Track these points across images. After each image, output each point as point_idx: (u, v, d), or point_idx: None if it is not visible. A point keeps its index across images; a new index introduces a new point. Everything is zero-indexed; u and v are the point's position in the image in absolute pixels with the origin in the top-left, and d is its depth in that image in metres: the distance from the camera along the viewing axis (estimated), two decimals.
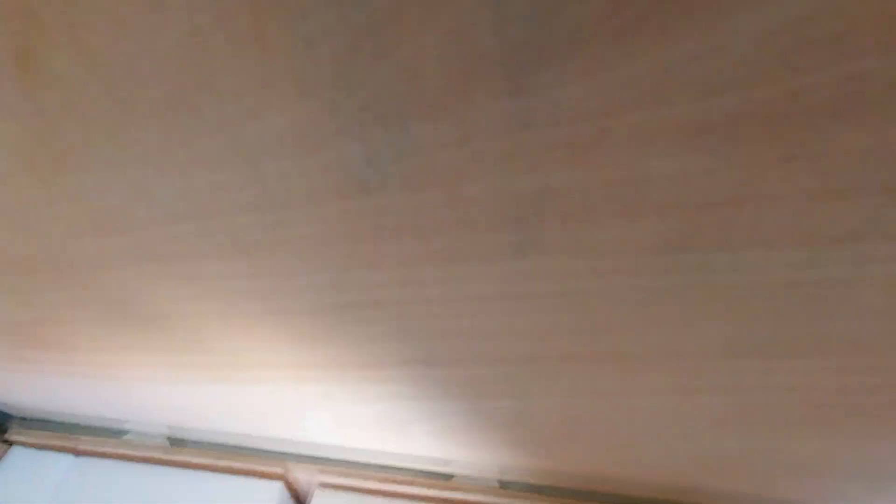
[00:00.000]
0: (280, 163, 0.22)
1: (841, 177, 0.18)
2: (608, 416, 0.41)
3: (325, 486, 0.71)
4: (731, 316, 0.27)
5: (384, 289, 0.29)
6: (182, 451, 0.72)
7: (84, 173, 0.23)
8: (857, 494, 0.52)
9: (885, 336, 0.26)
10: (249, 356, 0.42)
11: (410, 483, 0.69)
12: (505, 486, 0.68)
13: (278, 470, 0.71)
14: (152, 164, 0.23)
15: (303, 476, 0.71)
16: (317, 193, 0.23)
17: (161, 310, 0.35)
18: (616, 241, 0.23)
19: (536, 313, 0.29)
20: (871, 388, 0.30)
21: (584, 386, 0.37)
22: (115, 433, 0.72)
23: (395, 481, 0.69)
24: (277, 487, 0.70)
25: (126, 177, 0.24)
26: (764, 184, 0.19)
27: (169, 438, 0.73)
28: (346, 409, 0.51)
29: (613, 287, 0.26)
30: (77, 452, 0.72)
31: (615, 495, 0.62)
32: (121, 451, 0.71)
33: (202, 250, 0.28)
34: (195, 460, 0.72)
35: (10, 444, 0.74)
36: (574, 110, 0.18)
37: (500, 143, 0.19)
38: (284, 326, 0.35)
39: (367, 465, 0.70)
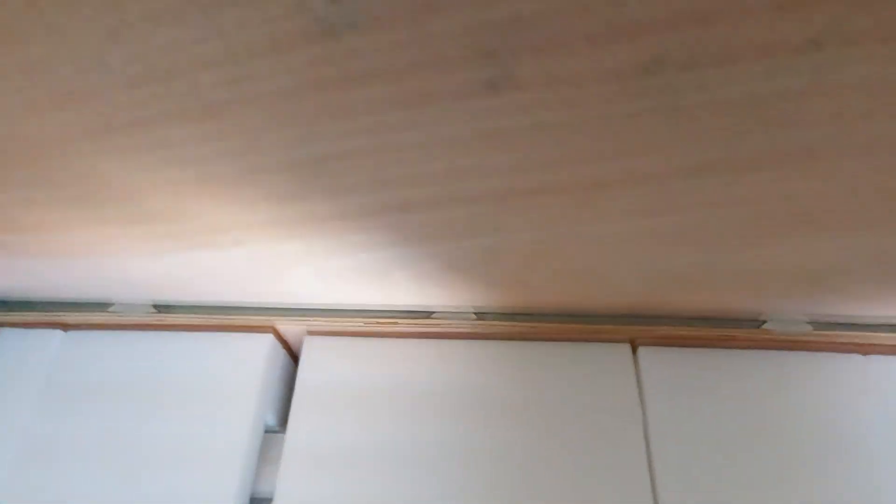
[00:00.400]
0: (239, 10, 0.21)
1: None
2: (577, 242, 0.44)
3: (313, 333, 0.74)
4: (694, 136, 0.28)
5: (356, 138, 0.29)
6: (169, 315, 0.74)
7: (32, 43, 0.22)
8: (803, 303, 0.58)
9: (834, 142, 0.27)
10: (226, 219, 0.42)
11: (394, 323, 0.73)
12: (481, 317, 0.72)
13: (267, 324, 0.73)
14: (101, 25, 0.21)
15: (291, 328, 0.74)
16: (281, 41, 0.22)
17: (133, 181, 0.35)
18: (587, 70, 0.23)
19: (510, 149, 0.29)
20: (819, 193, 0.33)
21: (555, 216, 0.39)
22: (101, 306, 0.73)
23: (379, 323, 0.73)
24: (268, 339, 0.73)
25: (75, 43, 0.22)
26: (734, 2, 0.19)
27: (155, 306, 0.75)
28: (326, 263, 0.53)
29: (584, 116, 0.26)
30: (65, 327, 0.74)
31: (584, 315, 0.67)
32: (109, 320, 0.73)
33: (167, 114, 0.27)
34: (184, 322, 0.74)
35: None
36: None
37: None
38: (259, 185, 0.36)
39: (351, 312, 0.73)
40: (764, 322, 0.67)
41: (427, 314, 0.74)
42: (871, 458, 0.59)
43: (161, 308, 0.74)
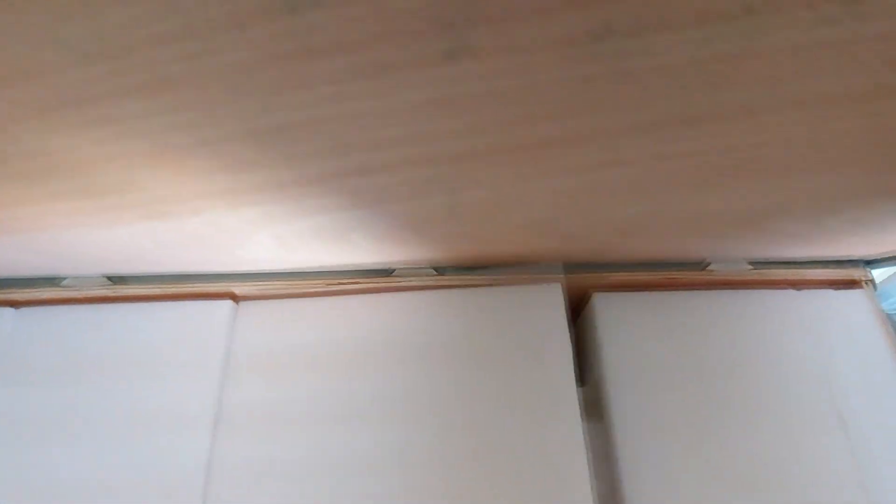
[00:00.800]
0: None
1: None
2: (532, 197, 0.46)
3: (272, 297, 0.75)
4: (641, 96, 0.29)
5: (317, 107, 0.30)
6: (124, 287, 0.73)
7: None
8: (742, 245, 0.62)
9: (769, 100, 0.30)
10: (183, 189, 0.42)
11: (355, 282, 0.74)
12: (440, 272, 0.74)
13: (225, 290, 0.73)
14: (58, 3, 0.21)
15: (252, 292, 0.74)
16: (241, 17, 0.22)
17: (85, 155, 0.34)
18: (539, 38, 0.24)
19: (467, 113, 0.30)
20: (755, 145, 0.35)
21: (510, 174, 0.40)
22: (52, 281, 0.71)
23: (340, 283, 0.74)
24: (227, 305, 0.73)
25: (29, 20, 0.22)
26: None
27: (109, 278, 0.73)
28: (286, 227, 0.53)
29: (538, 81, 0.28)
30: (16, 305, 0.72)
31: (540, 264, 0.69)
32: (61, 295, 0.72)
33: (122, 89, 0.27)
34: (139, 293, 0.73)
35: None
36: None
37: None
38: (217, 155, 0.36)
39: (312, 274, 0.74)
40: (708, 264, 0.71)
41: (387, 272, 0.75)
42: (801, 380, 0.65)
43: (115, 280, 0.73)
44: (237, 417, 0.69)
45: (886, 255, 0.72)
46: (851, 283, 0.73)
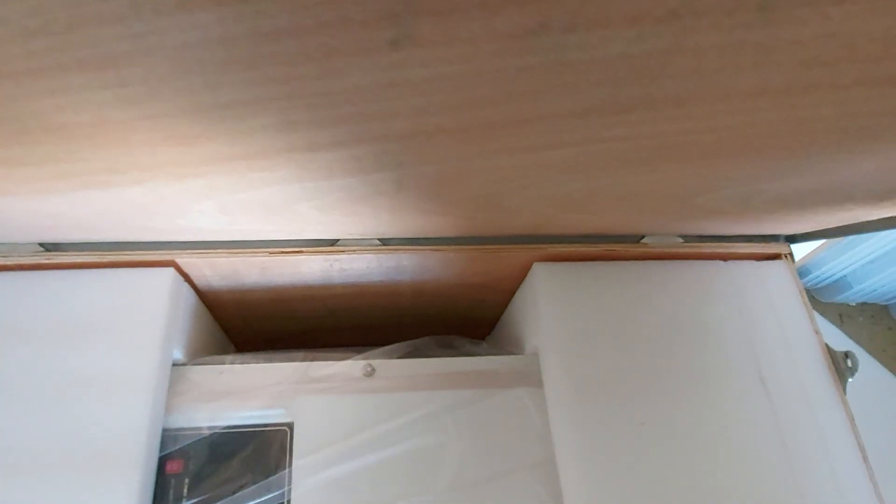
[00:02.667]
0: None
1: None
2: (476, 174, 0.47)
3: (215, 267, 0.74)
4: (577, 85, 0.31)
5: (264, 86, 0.30)
6: (59, 254, 0.71)
7: None
8: (674, 221, 0.65)
9: (695, 92, 0.32)
10: (125, 160, 0.41)
11: (299, 252, 0.75)
12: (385, 243, 0.75)
13: (167, 258, 0.72)
14: None
15: (193, 261, 0.74)
16: (189, 2, 0.23)
17: (22, 126, 0.34)
18: (481, 31, 0.25)
19: (412, 96, 0.31)
20: (683, 131, 0.38)
21: (455, 152, 0.41)
22: None
23: (283, 253, 0.74)
24: (169, 273, 0.72)
25: None
26: None
27: (42, 245, 0.71)
28: (230, 198, 0.53)
29: (479, 69, 0.29)
30: None
31: (483, 237, 0.71)
32: None
33: (63, 64, 0.27)
34: (75, 260, 0.71)
35: None
36: None
37: None
38: (162, 130, 0.35)
39: (254, 243, 0.73)
40: (642, 237, 0.75)
41: (332, 242, 0.76)
42: (727, 344, 0.70)
43: (49, 247, 0.71)
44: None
45: (805, 232, 0.77)
46: (774, 257, 0.78)
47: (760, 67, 0.29)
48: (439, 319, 0.97)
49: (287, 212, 0.60)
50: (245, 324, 0.94)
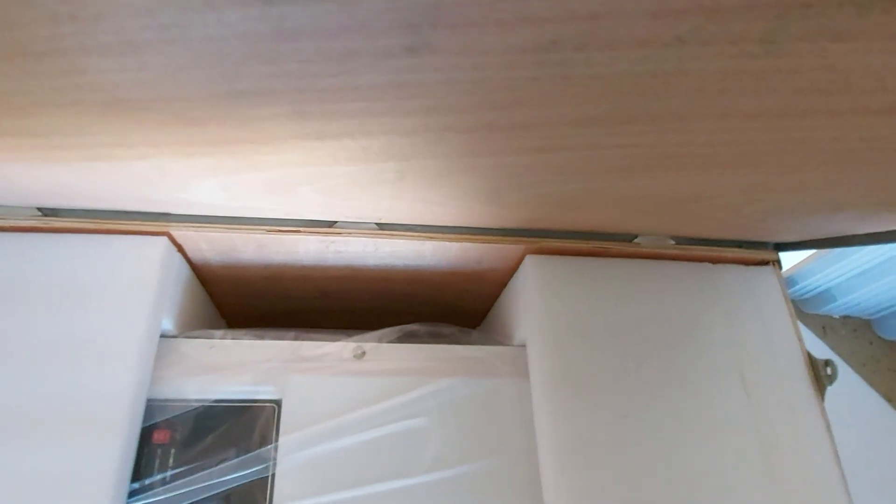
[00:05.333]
0: None
1: (676, 1, 0.23)
2: (477, 170, 0.48)
3: (211, 241, 0.75)
4: (583, 97, 0.32)
5: (280, 80, 0.31)
6: (56, 219, 0.71)
7: None
8: (667, 224, 0.67)
9: (695, 109, 0.33)
10: (134, 136, 0.42)
11: (296, 232, 0.75)
12: (382, 227, 0.76)
13: (162, 228, 0.72)
14: None
15: (188, 234, 0.74)
16: (218, 2, 0.23)
17: (35, 100, 0.34)
18: (495, 44, 0.26)
19: (423, 97, 0.32)
20: (681, 143, 0.39)
21: (459, 149, 0.42)
22: None
23: (281, 231, 0.75)
24: (162, 242, 0.72)
25: None
26: (617, 6, 0.23)
27: (40, 209, 0.71)
28: (234, 177, 0.54)
29: (490, 77, 0.30)
30: None
31: (481, 228, 0.72)
32: None
33: (86, 47, 0.27)
34: (71, 225, 0.71)
35: None
36: None
37: None
38: (174, 112, 0.36)
39: (252, 220, 0.74)
40: (635, 237, 0.76)
41: (329, 224, 0.77)
42: (711, 344, 0.71)
43: (47, 212, 0.71)
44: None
45: (794, 241, 0.79)
46: (761, 263, 0.80)
47: (759, 92, 0.30)
48: (430, 307, 0.99)
49: (288, 192, 0.61)
50: (238, 300, 0.95)
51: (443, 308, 1.00)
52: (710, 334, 0.72)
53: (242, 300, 0.95)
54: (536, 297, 0.72)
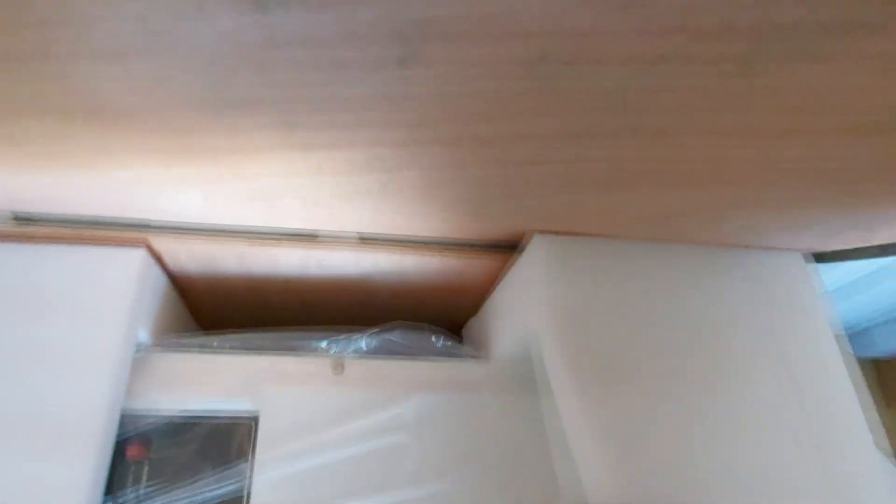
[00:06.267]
0: None
1: (658, 21, 0.24)
2: (463, 180, 0.48)
3: (191, 251, 0.74)
4: (569, 110, 0.33)
5: (270, 89, 0.31)
6: (32, 226, 0.70)
7: None
8: (642, 229, 0.67)
9: (676, 126, 0.34)
10: (117, 144, 0.42)
11: (278, 242, 0.75)
12: (364, 239, 0.76)
13: (140, 238, 0.71)
14: None
15: (166, 243, 0.73)
16: (209, 9, 0.23)
17: (20, 106, 0.34)
18: (487, 56, 0.27)
19: (412, 110, 0.33)
20: (661, 158, 0.40)
21: (445, 161, 0.43)
22: None
23: (262, 242, 0.74)
24: (140, 254, 0.71)
25: None
26: (605, 24, 0.24)
27: (14, 214, 0.70)
28: (215, 187, 0.54)
29: (479, 89, 0.30)
30: None
31: (463, 241, 0.72)
32: None
33: (75, 53, 0.27)
34: (48, 233, 0.70)
35: None
36: None
37: None
38: (159, 119, 0.36)
39: (234, 230, 0.73)
40: None
41: (312, 236, 0.76)
42: (746, 332, 0.64)
43: (22, 219, 0.70)
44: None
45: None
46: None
47: (737, 110, 0.31)
48: (412, 318, 0.98)
49: (270, 203, 0.61)
50: (216, 310, 0.94)
51: (424, 319, 0.99)
52: (745, 322, 0.65)
53: (221, 309, 0.93)
54: (550, 281, 0.63)
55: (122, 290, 0.67)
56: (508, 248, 0.74)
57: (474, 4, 0.23)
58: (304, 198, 0.58)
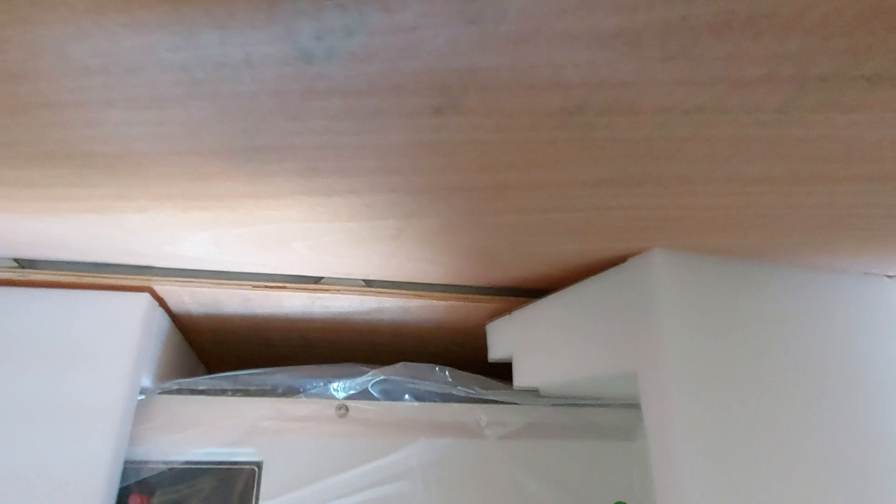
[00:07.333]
0: (223, 32, 0.22)
1: (700, 72, 0.24)
2: (476, 229, 0.49)
3: (195, 295, 0.73)
4: (596, 159, 0.33)
5: (302, 136, 0.31)
6: (34, 272, 0.69)
7: None
8: None
9: (703, 174, 0.34)
10: (137, 190, 0.42)
11: (282, 288, 0.74)
12: (370, 284, 0.76)
13: (144, 283, 0.71)
14: (73, 27, 0.21)
15: (171, 289, 0.73)
16: (255, 59, 0.24)
17: (44, 150, 0.34)
18: (522, 107, 0.27)
19: (440, 156, 0.33)
20: (683, 206, 0.40)
21: (464, 208, 0.43)
22: None
23: (267, 287, 0.74)
24: (144, 299, 0.70)
25: (38, 32, 0.22)
26: (644, 75, 0.24)
27: (17, 260, 0.69)
28: (228, 231, 0.53)
29: (510, 138, 0.30)
30: None
31: (470, 287, 0.72)
32: None
33: (110, 100, 0.27)
34: (50, 279, 0.69)
35: None
36: (517, 13, 0.21)
37: (448, 33, 0.22)
38: (184, 165, 0.36)
39: (238, 275, 0.73)
40: None
41: (316, 280, 0.76)
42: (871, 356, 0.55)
43: (24, 263, 0.69)
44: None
45: None
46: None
47: (766, 159, 0.32)
48: (415, 357, 0.97)
49: (280, 248, 0.61)
50: (218, 347, 0.92)
51: (428, 358, 0.98)
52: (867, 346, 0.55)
53: (223, 347, 0.92)
54: (671, 305, 0.49)
55: (126, 336, 0.67)
56: (513, 292, 0.73)
57: (520, 55, 0.23)
58: (315, 243, 0.58)
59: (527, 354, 0.74)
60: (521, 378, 0.74)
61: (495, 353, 0.82)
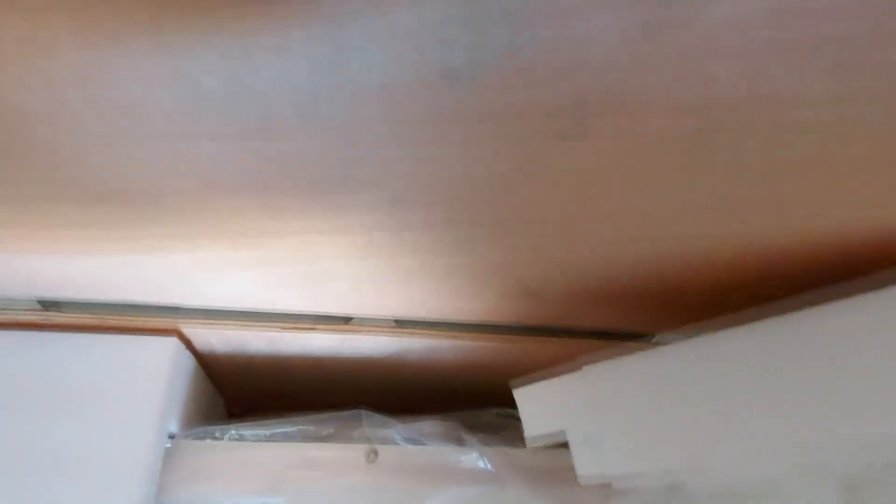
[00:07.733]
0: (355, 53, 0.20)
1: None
2: (539, 264, 0.47)
3: (222, 335, 0.71)
4: (707, 182, 0.31)
5: (402, 164, 0.29)
6: (58, 314, 0.67)
7: None
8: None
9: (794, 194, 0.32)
10: (198, 228, 0.40)
11: (312, 329, 0.72)
12: (401, 324, 0.74)
13: (172, 325, 0.69)
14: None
15: (198, 331, 0.70)
16: (391, 80, 0.22)
17: (103, 189, 0.32)
18: (652, 129, 0.26)
19: (543, 185, 0.31)
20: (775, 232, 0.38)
21: (536, 243, 0.41)
22: None
23: (296, 328, 0.72)
24: (172, 342, 0.68)
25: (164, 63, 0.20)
26: (801, 89, 0.23)
27: (41, 302, 0.67)
28: (272, 270, 0.51)
29: (625, 163, 0.29)
30: None
31: (503, 325, 0.70)
32: None
33: (212, 136, 0.26)
34: (75, 321, 0.67)
35: None
36: (706, 26, 0.20)
37: (625, 47, 0.21)
38: (263, 202, 0.34)
39: (266, 315, 0.71)
40: (653, 336, 0.74)
41: (345, 320, 0.74)
42: None
43: (48, 305, 0.66)
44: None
45: None
46: None
47: (869, 178, 0.31)
48: (445, 393, 0.94)
49: (317, 286, 0.59)
50: (241, 385, 0.89)
51: (458, 395, 0.95)
52: None
53: (247, 385, 0.89)
54: None
55: (153, 381, 0.64)
56: (554, 331, 0.71)
57: (682, 71, 0.22)
58: (355, 282, 0.56)
59: (603, 433, 0.53)
60: (586, 466, 0.52)
61: (536, 427, 0.59)
